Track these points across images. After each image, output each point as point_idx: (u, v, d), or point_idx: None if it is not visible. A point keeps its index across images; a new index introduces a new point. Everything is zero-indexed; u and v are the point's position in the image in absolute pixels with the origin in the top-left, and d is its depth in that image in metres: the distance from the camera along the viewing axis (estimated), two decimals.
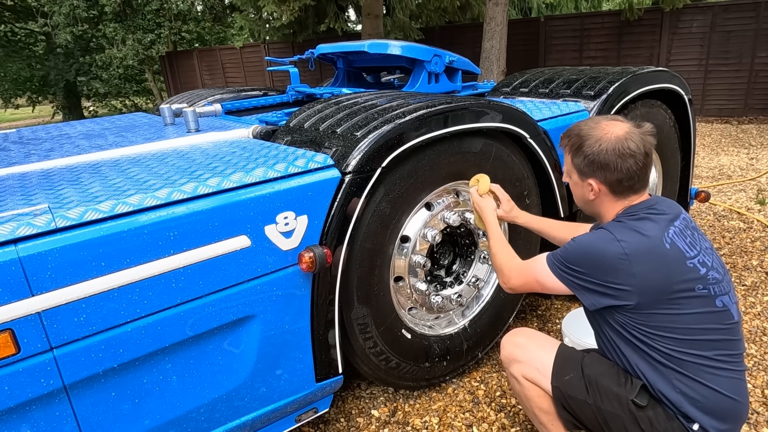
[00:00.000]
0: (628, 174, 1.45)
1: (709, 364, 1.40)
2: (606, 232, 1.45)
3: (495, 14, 8.28)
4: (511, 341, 1.72)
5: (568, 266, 1.47)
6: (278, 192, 1.60)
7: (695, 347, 1.40)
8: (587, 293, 1.45)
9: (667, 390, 1.42)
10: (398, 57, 2.98)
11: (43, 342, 1.30)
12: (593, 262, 1.42)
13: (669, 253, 1.39)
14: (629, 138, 1.44)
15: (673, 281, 1.38)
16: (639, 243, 1.38)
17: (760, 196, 4.59)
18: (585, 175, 1.52)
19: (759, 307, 2.82)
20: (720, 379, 1.40)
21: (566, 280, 1.48)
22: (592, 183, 1.51)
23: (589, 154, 1.47)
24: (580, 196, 1.61)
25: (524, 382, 1.64)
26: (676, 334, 1.40)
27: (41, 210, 1.33)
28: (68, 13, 12.68)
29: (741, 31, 8.65)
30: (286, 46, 13.30)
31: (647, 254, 1.38)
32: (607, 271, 1.40)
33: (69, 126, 3.07)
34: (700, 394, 1.40)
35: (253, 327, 1.67)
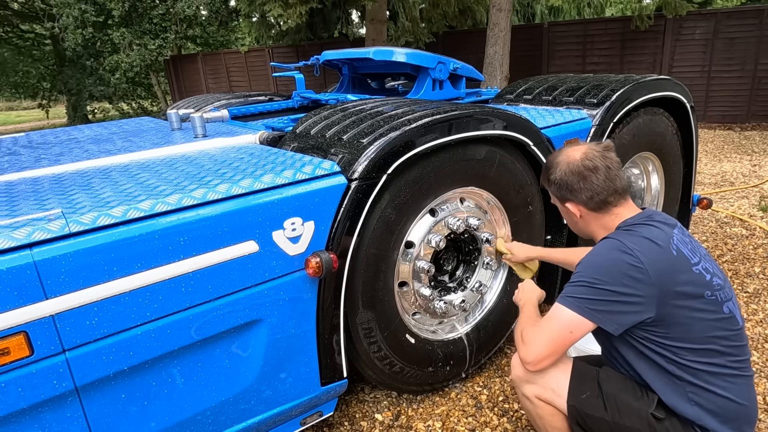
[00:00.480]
0: (595, 189, 1.53)
1: (721, 372, 1.42)
2: (613, 241, 1.45)
3: (498, 20, 8.33)
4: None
5: (584, 292, 1.42)
6: (286, 198, 1.63)
7: (709, 355, 1.41)
8: (610, 316, 1.41)
9: (682, 405, 1.43)
10: (403, 64, 3.02)
11: (56, 344, 1.33)
12: (608, 274, 1.40)
13: (677, 259, 1.41)
14: (585, 157, 1.54)
15: (685, 288, 1.39)
16: (650, 249, 1.40)
17: (763, 203, 4.60)
18: (562, 201, 1.63)
19: (761, 314, 2.83)
20: (732, 387, 1.42)
21: (586, 310, 1.42)
22: (568, 207, 1.61)
23: (555, 182, 1.60)
24: (569, 221, 1.69)
25: (537, 402, 1.61)
26: (692, 343, 1.41)
27: (55, 215, 1.36)
28: (78, 16, 12.77)
29: (744, 38, 8.67)
30: (290, 51, 13.38)
31: (659, 261, 1.39)
32: (624, 281, 1.38)
33: (77, 130, 3.11)
34: (714, 404, 1.41)
35: (260, 331, 1.70)
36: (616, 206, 1.55)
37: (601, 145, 1.58)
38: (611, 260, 1.42)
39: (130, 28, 13.62)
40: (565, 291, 1.47)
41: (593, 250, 1.50)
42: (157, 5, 13.55)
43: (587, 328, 1.43)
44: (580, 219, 1.61)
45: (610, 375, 1.57)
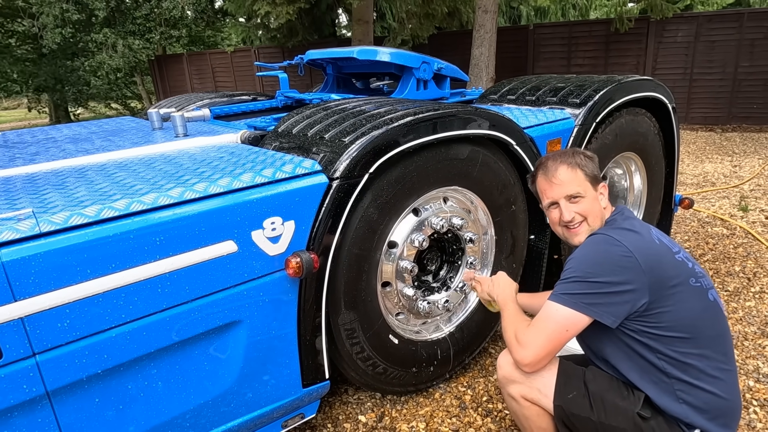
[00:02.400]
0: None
1: (710, 365, 1.44)
2: (600, 236, 1.49)
3: (484, 22, 8.37)
4: (507, 361, 1.66)
5: (576, 288, 1.42)
6: (265, 197, 1.60)
7: (699, 345, 1.43)
8: (607, 308, 1.41)
9: (670, 403, 1.44)
10: (387, 64, 3.00)
11: (26, 348, 1.29)
12: (599, 265, 1.42)
13: (660, 248, 1.45)
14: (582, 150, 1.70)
15: (671, 275, 1.42)
16: (636, 239, 1.44)
17: (743, 203, 4.66)
18: (598, 180, 1.64)
19: (741, 312, 2.86)
20: (718, 382, 1.44)
21: (581, 305, 1.41)
22: (604, 185, 1.64)
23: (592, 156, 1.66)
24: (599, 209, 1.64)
25: (523, 402, 1.61)
26: (682, 332, 1.42)
27: (25, 215, 1.32)
28: (58, 15, 12.57)
29: (724, 41, 8.82)
30: (276, 51, 13.31)
31: (646, 249, 1.42)
32: (616, 271, 1.40)
33: (55, 130, 3.05)
34: (702, 401, 1.42)
35: (240, 332, 1.67)
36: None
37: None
38: (601, 252, 1.44)
39: (113, 28, 13.45)
40: (557, 288, 1.47)
41: (582, 249, 1.51)
42: (141, 5, 13.39)
43: (583, 324, 1.43)
44: (606, 204, 1.64)
45: (596, 375, 1.57)
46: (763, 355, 2.48)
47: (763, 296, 3.02)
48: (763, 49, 8.58)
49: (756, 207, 4.62)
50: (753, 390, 2.25)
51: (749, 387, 2.27)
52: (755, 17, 8.60)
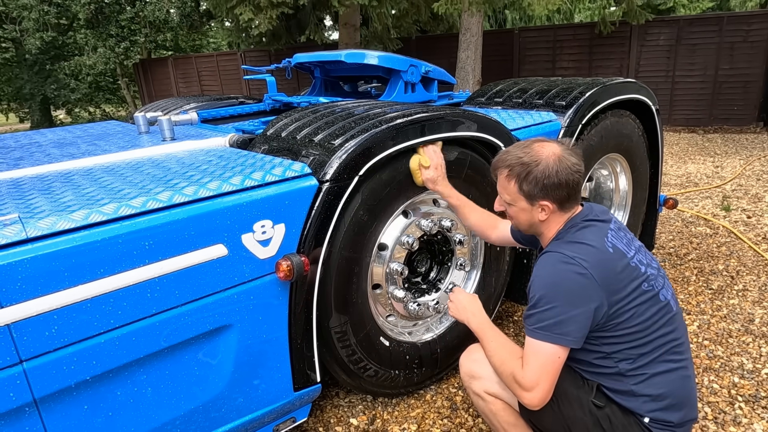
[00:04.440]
0: (575, 187, 1.49)
1: (664, 359, 1.47)
2: (554, 255, 1.46)
3: (470, 25, 8.44)
4: (469, 358, 1.71)
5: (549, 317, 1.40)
6: (255, 200, 1.60)
7: (652, 345, 1.46)
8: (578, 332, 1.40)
9: (624, 395, 1.47)
10: (375, 67, 3.01)
11: (12, 355, 1.27)
12: (562, 290, 1.40)
13: (613, 256, 1.45)
14: (568, 154, 1.48)
15: (624, 283, 1.43)
16: (589, 254, 1.43)
17: (725, 203, 4.75)
18: (536, 199, 1.51)
19: (725, 310, 2.91)
20: (671, 374, 1.47)
21: (558, 338, 1.39)
22: (545, 203, 1.50)
23: (541, 178, 1.46)
24: (527, 219, 1.57)
25: (487, 398, 1.64)
26: (636, 336, 1.44)
27: (11, 220, 1.30)
28: (38, 18, 12.40)
29: (705, 45, 8.99)
30: (262, 54, 13.27)
31: (600, 262, 1.42)
32: (576, 293, 1.39)
33: (39, 134, 3.01)
34: (655, 392, 1.45)
35: (230, 336, 1.66)
36: (576, 203, 1.55)
37: (566, 142, 1.55)
38: (558, 274, 1.42)
39: (95, 30, 13.30)
40: (531, 321, 1.44)
41: (539, 270, 1.48)
42: (124, 9, 13.27)
43: (568, 350, 1.43)
44: (545, 218, 1.53)
45: None
46: (747, 352, 2.52)
47: (746, 294, 3.08)
48: (743, 52, 8.77)
49: (738, 206, 4.71)
50: (738, 386, 2.29)
51: (734, 383, 2.31)
52: (735, 21, 8.79)
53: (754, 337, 2.64)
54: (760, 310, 2.89)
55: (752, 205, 4.74)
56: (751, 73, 8.81)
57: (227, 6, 9.40)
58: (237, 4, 9.07)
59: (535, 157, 1.49)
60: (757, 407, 2.16)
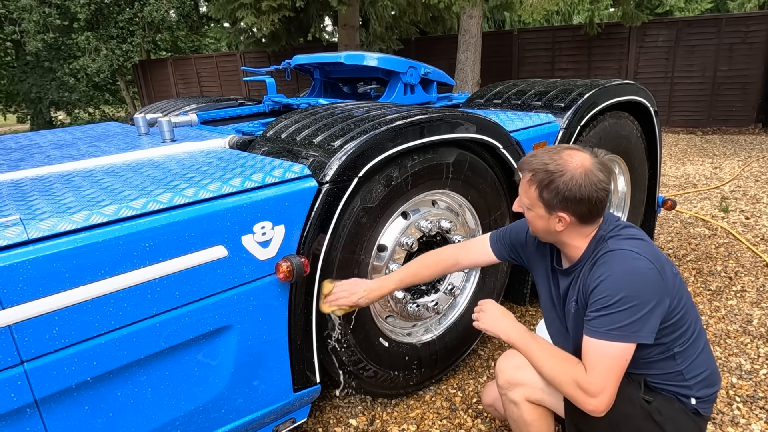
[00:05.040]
0: (599, 203, 1.42)
1: (700, 336, 1.53)
2: (622, 253, 1.42)
3: (469, 26, 8.45)
4: (510, 364, 1.61)
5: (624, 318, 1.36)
6: (255, 202, 1.61)
7: (695, 326, 1.50)
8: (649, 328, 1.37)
9: (675, 382, 1.49)
10: (374, 68, 3.03)
11: (14, 356, 1.28)
12: (637, 287, 1.37)
13: (658, 251, 1.48)
14: (597, 169, 1.42)
15: (669, 272, 1.45)
16: (647, 248, 1.43)
17: (724, 204, 4.76)
18: (554, 209, 1.44)
19: (723, 311, 2.92)
20: (706, 350, 1.54)
21: (632, 335, 1.36)
22: (563, 215, 1.44)
23: (563, 190, 1.40)
24: (543, 227, 1.51)
25: (525, 405, 1.59)
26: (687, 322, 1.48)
27: (12, 221, 1.31)
28: (39, 20, 12.40)
29: (703, 46, 9.01)
30: (262, 55, 13.27)
31: (656, 255, 1.44)
32: (650, 288, 1.37)
33: (39, 135, 3.02)
34: (699, 372, 1.50)
35: (230, 337, 1.67)
36: (600, 218, 1.51)
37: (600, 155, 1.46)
38: (635, 273, 1.38)
39: (95, 32, 13.30)
40: (603, 323, 1.38)
41: (611, 269, 1.41)
42: (123, 9, 13.27)
43: (634, 348, 1.40)
44: (562, 229, 1.47)
45: None
46: (745, 353, 2.53)
47: (745, 295, 3.09)
48: (741, 53, 8.79)
49: (736, 207, 4.72)
50: (736, 387, 2.30)
51: (732, 384, 2.32)
52: (733, 22, 8.81)
53: (752, 338, 2.65)
54: (758, 311, 2.90)
55: (750, 206, 4.75)
56: (750, 74, 8.83)
57: (228, 9, 9.42)
58: (238, 7, 9.08)
59: (562, 166, 1.41)
60: (755, 407, 2.16)
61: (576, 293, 1.52)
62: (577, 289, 1.51)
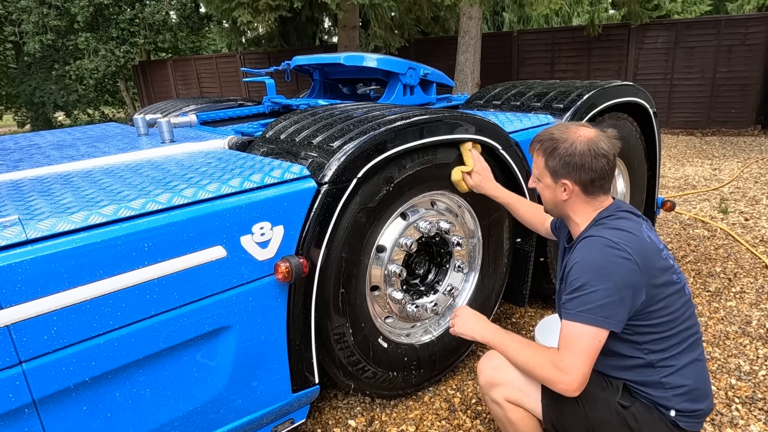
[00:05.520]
0: (601, 173, 1.49)
1: (690, 349, 1.50)
2: (598, 239, 1.46)
3: (469, 28, 8.46)
4: (490, 365, 1.66)
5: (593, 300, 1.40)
6: (254, 202, 1.61)
7: (681, 336, 1.49)
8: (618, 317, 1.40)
9: (654, 389, 1.49)
10: (374, 69, 3.03)
11: (12, 356, 1.28)
12: (609, 276, 1.40)
13: (650, 246, 1.48)
14: (600, 139, 1.50)
15: (659, 272, 1.46)
16: (631, 240, 1.45)
17: (723, 206, 4.77)
18: (559, 176, 1.54)
19: (722, 312, 2.92)
20: (697, 365, 1.51)
21: (601, 320, 1.39)
22: (566, 183, 1.53)
23: (564, 155, 1.50)
24: (551, 198, 1.61)
25: (506, 405, 1.61)
26: (668, 326, 1.47)
27: (11, 221, 1.31)
28: (37, 21, 12.40)
29: (703, 48, 9.02)
30: (261, 56, 13.28)
31: (641, 250, 1.44)
32: (621, 276, 1.39)
33: (39, 136, 3.02)
34: (682, 384, 1.48)
35: (229, 338, 1.67)
36: (604, 194, 1.56)
37: (608, 132, 1.55)
38: (605, 260, 1.42)
39: (95, 33, 13.30)
40: (574, 305, 1.43)
41: (583, 254, 1.47)
42: (124, 10, 13.27)
43: (606, 334, 1.42)
44: (567, 198, 1.55)
45: None
46: (744, 354, 2.53)
47: (744, 296, 3.09)
48: (740, 55, 8.80)
49: (735, 209, 4.72)
50: (735, 388, 2.30)
51: (731, 385, 2.32)
52: (732, 24, 8.82)
53: (751, 339, 2.65)
54: (757, 312, 2.90)
55: (750, 207, 4.76)
56: (749, 76, 8.84)
57: (225, 8, 9.42)
58: (235, 6, 9.09)
59: (566, 135, 1.52)
60: (754, 409, 2.16)
61: (562, 272, 1.58)
62: (563, 269, 1.56)
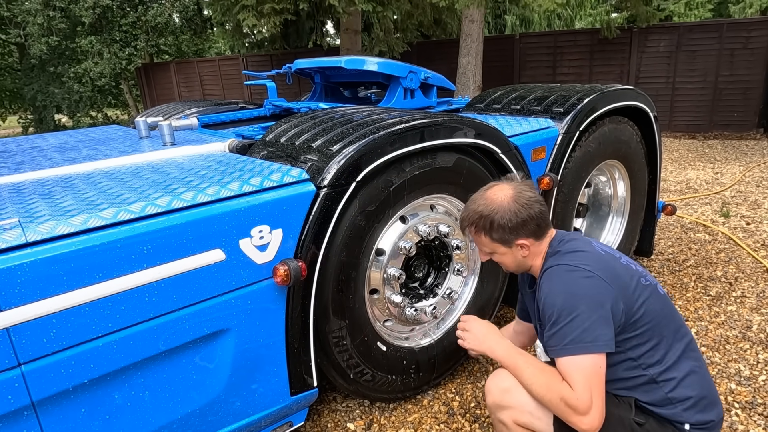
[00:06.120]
0: (541, 215, 1.53)
1: (687, 356, 1.49)
2: (557, 268, 1.48)
3: (471, 31, 8.47)
4: (499, 387, 1.59)
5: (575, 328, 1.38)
6: (253, 206, 1.62)
7: (669, 342, 1.48)
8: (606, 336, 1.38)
9: (664, 408, 1.47)
10: (374, 73, 3.04)
11: (11, 358, 1.28)
12: (575, 297, 1.40)
13: (607, 257, 1.49)
14: (521, 191, 1.54)
15: (626, 280, 1.46)
16: (587, 258, 1.47)
17: (724, 209, 4.76)
18: (510, 241, 1.55)
19: (723, 317, 2.92)
20: (698, 373, 1.50)
21: (591, 345, 1.37)
22: (521, 242, 1.55)
23: (504, 223, 1.52)
24: (512, 261, 1.61)
25: (515, 428, 1.57)
26: (656, 333, 1.46)
27: (11, 224, 1.32)
28: (43, 23, 12.47)
29: (705, 51, 9.01)
30: (264, 59, 13.33)
31: (600, 263, 1.45)
32: (591, 296, 1.39)
33: (41, 138, 3.03)
34: (688, 396, 1.47)
35: (228, 341, 1.67)
36: (548, 228, 1.60)
37: (518, 179, 1.62)
38: (571, 284, 1.43)
39: (99, 35, 13.36)
40: (556, 340, 1.41)
41: (549, 286, 1.47)
42: (127, 13, 13.34)
43: (604, 358, 1.40)
44: (527, 254, 1.57)
45: None
46: (744, 359, 2.53)
47: (744, 301, 3.08)
48: (743, 58, 8.79)
49: (737, 213, 4.71)
50: (735, 393, 2.29)
51: (731, 390, 2.31)
52: (735, 28, 8.81)
53: (751, 344, 2.64)
54: (757, 317, 2.89)
55: (751, 211, 4.75)
56: (752, 79, 8.82)
57: (229, 11, 9.46)
58: (240, 9, 9.13)
59: (491, 206, 1.54)
60: (754, 414, 2.16)
61: (537, 313, 1.57)
62: (537, 310, 1.55)
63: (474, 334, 1.66)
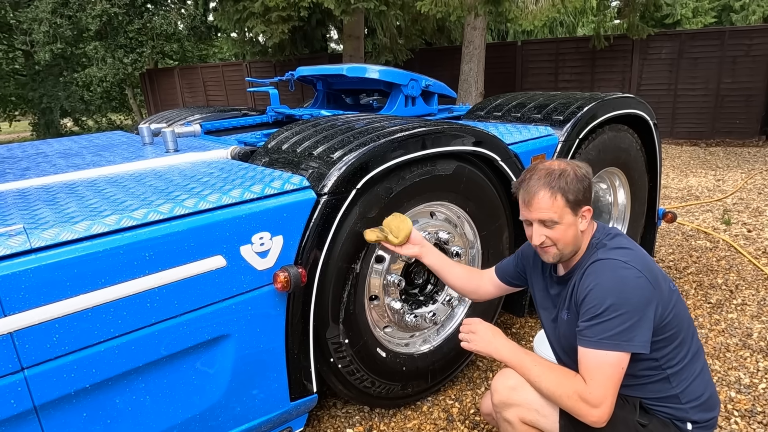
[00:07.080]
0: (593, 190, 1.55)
1: (697, 358, 1.52)
2: (608, 262, 1.45)
3: (473, 38, 8.51)
4: (504, 385, 1.60)
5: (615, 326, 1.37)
6: (254, 213, 1.64)
7: (688, 344, 1.50)
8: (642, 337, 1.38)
9: (670, 406, 1.49)
10: (376, 80, 3.07)
11: (14, 362, 1.30)
12: (624, 295, 1.39)
13: (648, 258, 1.50)
14: (576, 164, 1.54)
15: (662, 283, 1.47)
16: (637, 257, 1.46)
17: (726, 217, 4.76)
18: (580, 206, 1.50)
19: (723, 324, 2.92)
20: (705, 374, 1.53)
21: (624, 345, 1.37)
22: (586, 210, 1.51)
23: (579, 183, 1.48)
24: (572, 236, 1.52)
25: (520, 426, 1.58)
26: (679, 335, 1.48)
27: (16, 230, 1.34)
28: (48, 30, 12.57)
29: (707, 58, 9.03)
30: (267, 65, 13.40)
31: (646, 264, 1.46)
32: (638, 296, 1.39)
33: (46, 144, 3.07)
34: (695, 395, 1.49)
35: (228, 346, 1.69)
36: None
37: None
38: (622, 281, 1.41)
39: (104, 41, 13.47)
40: (595, 332, 1.40)
41: (598, 279, 1.44)
42: (133, 20, 13.44)
43: (629, 357, 1.41)
44: (585, 229, 1.53)
45: None
46: (744, 367, 2.53)
47: (745, 308, 3.08)
48: (745, 66, 8.80)
49: (738, 220, 4.71)
50: (734, 401, 2.29)
51: (731, 398, 2.31)
52: (736, 35, 8.83)
53: (751, 352, 2.64)
54: (758, 325, 2.89)
55: (753, 219, 4.74)
56: (754, 87, 8.83)
57: (235, 18, 9.54)
58: (247, 17, 9.20)
59: (559, 170, 1.49)
60: (753, 422, 2.16)
61: (567, 302, 1.56)
62: (570, 298, 1.54)
63: (480, 335, 1.64)
